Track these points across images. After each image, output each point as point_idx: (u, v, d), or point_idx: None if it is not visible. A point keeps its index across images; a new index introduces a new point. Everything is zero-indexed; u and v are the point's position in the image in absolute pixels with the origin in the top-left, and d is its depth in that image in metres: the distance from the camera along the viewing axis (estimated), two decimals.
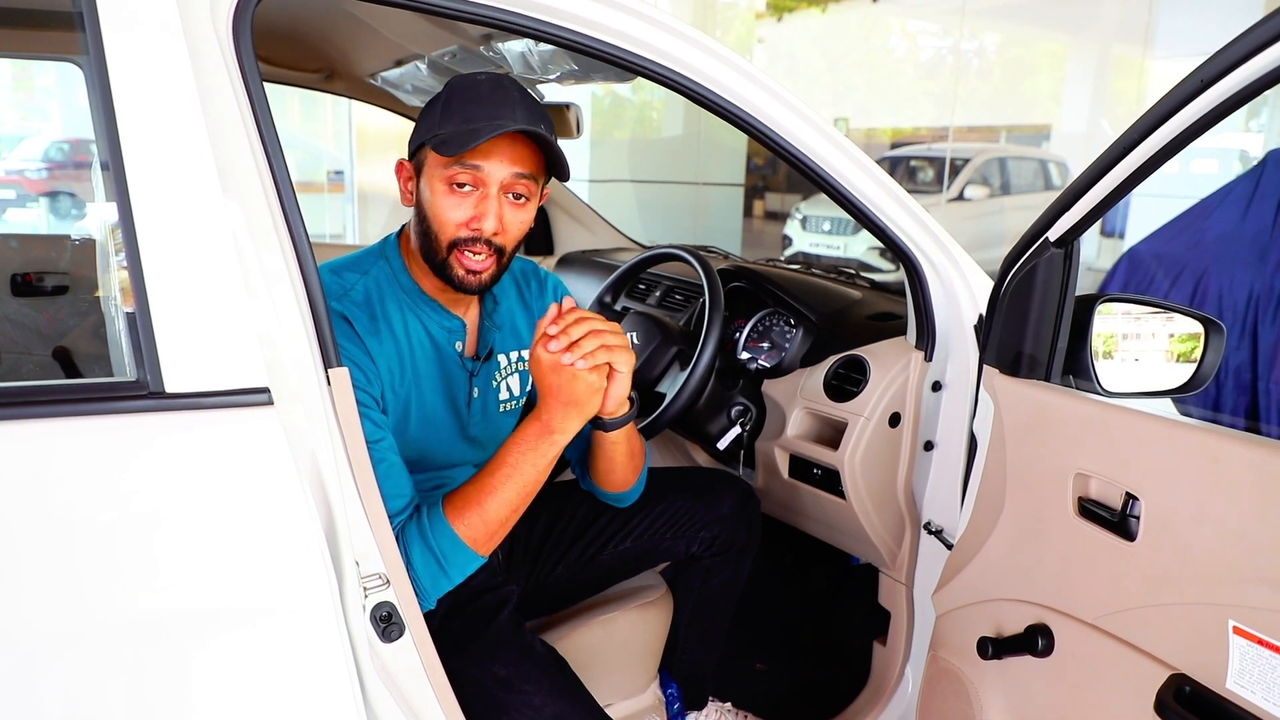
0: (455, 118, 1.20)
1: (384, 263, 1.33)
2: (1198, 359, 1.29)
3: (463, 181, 1.21)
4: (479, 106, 1.21)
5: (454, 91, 1.24)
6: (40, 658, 0.80)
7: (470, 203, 1.22)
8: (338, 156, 8.26)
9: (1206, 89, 0.95)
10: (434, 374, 1.33)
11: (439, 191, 1.23)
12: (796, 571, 2.36)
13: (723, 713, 1.84)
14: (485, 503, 1.18)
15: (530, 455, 1.19)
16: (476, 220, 1.22)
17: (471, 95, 1.22)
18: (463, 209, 1.22)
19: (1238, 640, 0.96)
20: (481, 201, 1.22)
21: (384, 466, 1.17)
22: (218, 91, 0.90)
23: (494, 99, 1.21)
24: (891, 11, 9.55)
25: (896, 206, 1.44)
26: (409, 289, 1.32)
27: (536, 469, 1.19)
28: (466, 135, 1.17)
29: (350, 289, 1.27)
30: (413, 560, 1.16)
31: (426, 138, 1.23)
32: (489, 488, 1.19)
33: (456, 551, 1.18)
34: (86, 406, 0.83)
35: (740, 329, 1.99)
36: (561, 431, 1.19)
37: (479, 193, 1.22)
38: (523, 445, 1.19)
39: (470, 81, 1.24)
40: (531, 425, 1.20)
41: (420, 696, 1.02)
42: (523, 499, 1.20)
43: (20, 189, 7.72)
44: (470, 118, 1.19)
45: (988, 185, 8.23)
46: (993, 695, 1.35)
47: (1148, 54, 7.21)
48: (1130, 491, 1.10)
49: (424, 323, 1.32)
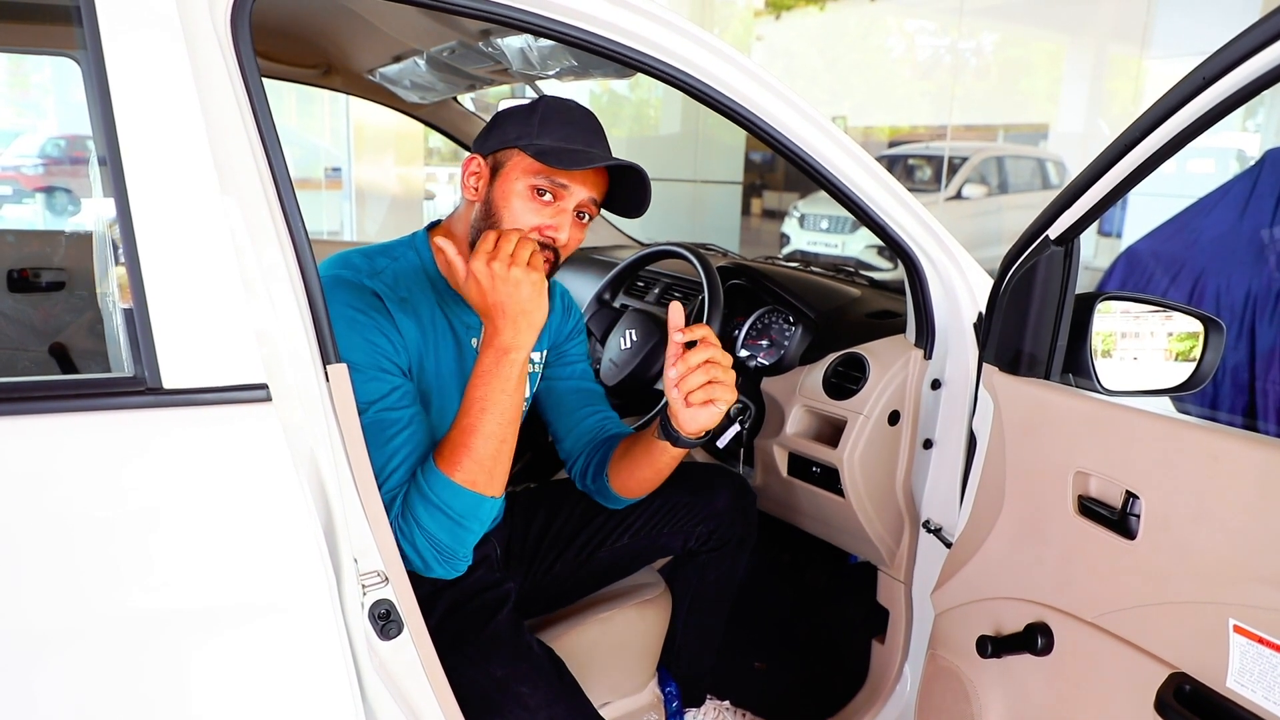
0: (554, 133, 1.28)
1: (414, 254, 1.37)
2: (1197, 357, 1.29)
3: (544, 189, 1.27)
4: (576, 130, 1.29)
5: (549, 109, 1.31)
6: (38, 654, 0.80)
7: (549, 211, 1.28)
8: (335, 153, 8.24)
9: (1207, 87, 0.95)
10: (452, 365, 1.35)
11: (520, 194, 1.28)
12: (795, 570, 2.36)
13: (721, 711, 1.84)
14: (470, 443, 1.17)
15: (495, 382, 1.17)
16: (553, 229, 1.28)
17: (567, 117, 1.30)
18: (541, 215, 1.28)
19: (1238, 639, 0.96)
20: (559, 214, 1.29)
21: (408, 432, 1.21)
22: (216, 87, 0.90)
23: (589, 127, 1.31)
24: (889, 10, 9.56)
25: (896, 204, 1.44)
26: (437, 281, 1.36)
27: (506, 394, 1.18)
28: (574, 153, 1.25)
29: (381, 271, 1.31)
30: (424, 525, 1.16)
31: (519, 143, 1.28)
32: (468, 428, 1.18)
33: (462, 499, 1.17)
34: (84, 402, 0.82)
35: (739, 326, 1.99)
36: (516, 348, 1.17)
37: (558, 204, 1.28)
38: (485, 375, 1.18)
39: (564, 105, 1.32)
40: (486, 353, 1.18)
41: (419, 694, 1.02)
42: (505, 428, 1.19)
43: (16, 184, 7.70)
44: (569, 137, 1.28)
45: (985, 184, 8.23)
46: (992, 694, 1.35)
47: (1145, 54, 7.21)
48: (1130, 490, 1.10)
49: (447, 315, 1.35)
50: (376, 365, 1.21)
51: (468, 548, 1.20)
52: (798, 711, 1.88)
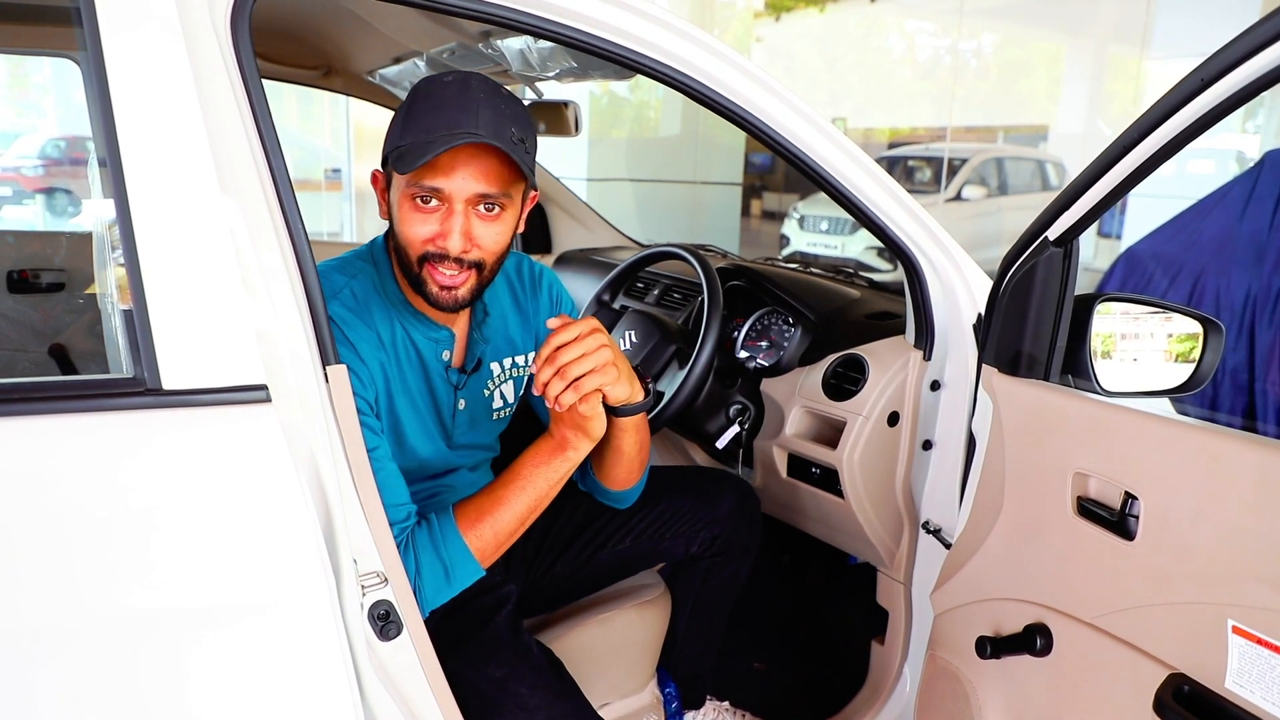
0: (415, 127, 1.12)
1: (371, 268, 1.28)
2: (1196, 359, 1.29)
3: (425, 197, 1.15)
4: (440, 114, 1.12)
5: (417, 97, 1.15)
6: (37, 654, 0.80)
7: (435, 219, 1.16)
8: (335, 154, 8.25)
9: (1207, 88, 0.95)
10: (420, 385, 1.30)
11: (404, 207, 1.16)
12: (795, 571, 2.36)
13: (721, 712, 1.84)
14: (497, 513, 1.20)
15: (543, 470, 1.21)
16: (440, 238, 1.16)
17: (435, 101, 1.13)
18: (427, 225, 1.16)
19: (1237, 640, 0.96)
20: (446, 219, 1.15)
21: (382, 475, 1.14)
22: (216, 88, 0.90)
23: (457, 104, 1.12)
24: (889, 11, 9.57)
25: (895, 205, 1.44)
26: (394, 298, 1.27)
27: (549, 483, 1.21)
28: (421, 149, 1.09)
29: (339, 291, 1.23)
30: (421, 569, 1.17)
31: (389, 149, 1.17)
32: (501, 499, 1.20)
33: (465, 563, 1.20)
34: (84, 403, 0.82)
35: (739, 328, 1.99)
36: (575, 449, 1.21)
37: (444, 209, 1.15)
38: (537, 460, 1.21)
39: (436, 85, 1.15)
40: (546, 442, 1.22)
41: (418, 695, 1.02)
42: (531, 512, 1.23)
43: (17, 185, 7.70)
44: (430, 127, 1.11)
45: (985, 185, 8.24)
46: (991, 695, 1.35)
47: (1145, 54, 7.22)
48: (1129, 491, 1.10)
49: (409, 333, 1.28)
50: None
51: (439, 604, 1.19)
52: (797, 712, 1.88)
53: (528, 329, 1.47)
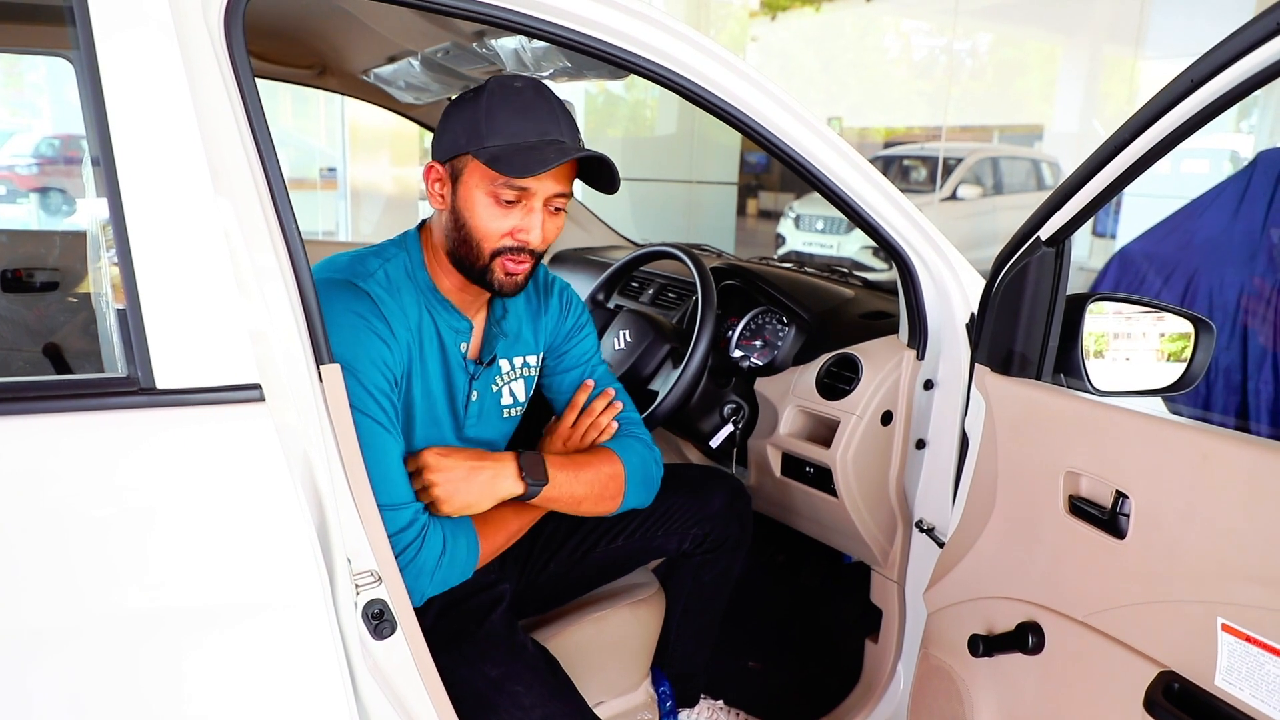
0: (502, 131, 1.19)
1: (403, 254, 1.33)
2: (1188, 358, 1.30)
3: (512, 198, 1.22)
4: (526, 121, 1.20)
5: (495, 100, 1.21)
6: (32, 653, 0.80)
7: (516, 215, 1.24)
8: (330, 154, 8.23)
9: (1195, 89, 0.96)
10: (438, 371, 1.34)
11: (483, 203, 1.23)
12: (789, 569, 2.36)
13: (715, 710, 1.85)
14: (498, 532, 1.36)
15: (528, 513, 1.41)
16: (524, 232, 1.24)
17: (516, 106, 1.20)
18: (509, 220, 1.24)
19: (1226, 638, 0.97)
20: (528, 215, 1.24)
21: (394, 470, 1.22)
22: (210, 88, 0.90)
23: (540, 113, 1.21)
24: (885, 11, 9.58)
25: (889, 205, 1.44)
26: (424, 285, 1.32)
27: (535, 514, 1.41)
28: (526, 157, 1.17)
29: (373, 272, 1.28)
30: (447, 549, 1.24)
31: (470, 148, 1.21)
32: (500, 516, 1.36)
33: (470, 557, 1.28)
34: (78, 402, 0.82)
35: (733, 327, 2.00)
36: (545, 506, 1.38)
37: (524, 205, 1.24)
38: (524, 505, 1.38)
39: (510, 89, 1.22)
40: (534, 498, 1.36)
41: (412, 694, 1.02)
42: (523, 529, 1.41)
43: (10, 184, 7.68)
44: (519, 133, 1.19)
45: (980, 185, 8.25)
46: (984, 693, 1.36)
47: (1139, 54, 7.23)
48: (1120, 489, 1.11)
49: (435, 319, 1.33)
50: (369, 378, 1.20)
51: (426, 597, 1.23)
52: (791, 711, 1.89)
53: (537, 331, 1.49)
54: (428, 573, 1.20)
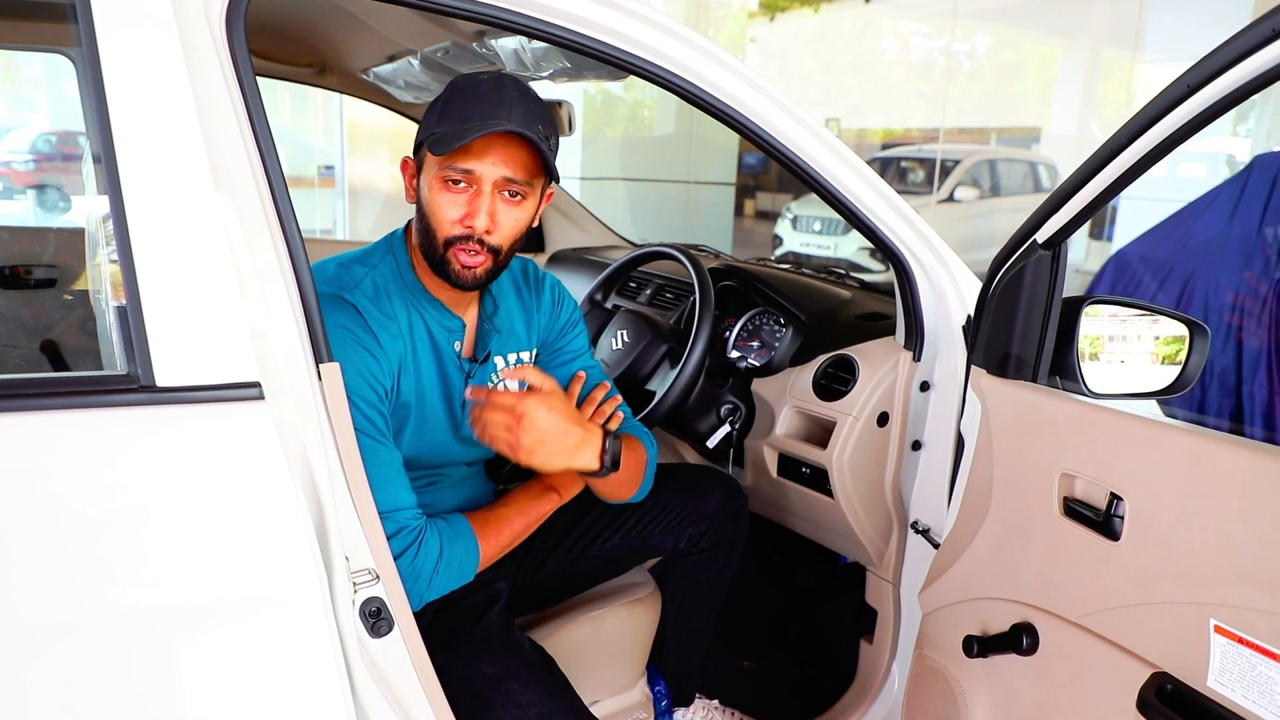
0: (452, 116, 1.21)
1: (390, 258, 1.34)
2: (1183, 361, 1.30)
3: (456, 179, 1.23)
4: (475, 105, 1.21)
5: (454, 90, 1.25)
6: (29, 650, 0.80)
7: (463, 200, 1.24)
8: (328, 151, 8.23)
9: (1192, 94, 0.96)
10: (433, 372, 1.34)
11: (434, 189, 1.25)
12: (784, 570, 2.37)
13: (710, 710, 1.85)
14: (500, 526, 1.35)
15: (534, 503, 1.40)
16: (468, 218, 1.24)
17: (471, 94, 1.23)
18: (456, 206, 1.24)
19: (1219, 639, 0.97)
20: (474, 199, 1.23)
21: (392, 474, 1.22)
22: (211, 85, 0.90)
23: (491, 98, 1.21)
24: (884, 13, 9.59)
25: (886, 207, 1.44)
26: (413, 286, 1.33)
27: (539, 513, 1.40)
28: (458, 134, 1.19)
29: (360, 282, 1.29)
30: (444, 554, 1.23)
31: (424, 136, 1.24)
32: (503, 515, 1.36)
33: (470, 562, 1.27)
34: (77, 400, 0.82)
35: (730, 328, 2.00)
36: (560, 494, 1.41)
37: (472, 190, 1.24)
38: (530, 493, 1.41)
39: (472, 80, 1.25)
40: (537, 483, 1.41)
41: (409, 692, 1.02)
42: (519, 535, 1.38)
43: (8, 180, 7.67)
44: (465, 117, 1.20)
45: (978, 187, 8.27)
46: (978, 693, 1.36)
47: (1137, 57, 7.25)
48: (1115, 491, 1.11)
49: (426, 320, 1.33)
50: (357, 391, 1.20)
51: (425, 601, 1.23)
52: (786, 710, 1.89)
53: (530, 326, 1.50)
54: (425, 578, 1.20)
